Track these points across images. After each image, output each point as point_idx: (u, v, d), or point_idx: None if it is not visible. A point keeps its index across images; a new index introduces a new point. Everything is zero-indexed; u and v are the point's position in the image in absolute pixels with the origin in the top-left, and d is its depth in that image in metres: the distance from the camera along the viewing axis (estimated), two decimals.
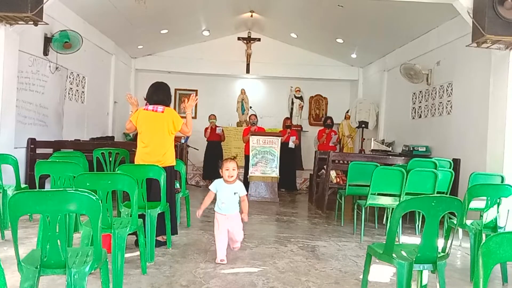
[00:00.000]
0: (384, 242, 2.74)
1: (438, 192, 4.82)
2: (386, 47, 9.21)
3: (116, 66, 9.82)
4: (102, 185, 3.01)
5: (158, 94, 4.27)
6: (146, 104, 4.37)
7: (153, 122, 4.12)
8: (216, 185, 3.78)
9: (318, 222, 5.95)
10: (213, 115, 9.58)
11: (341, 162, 6.98)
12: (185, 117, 4.26)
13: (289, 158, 9.04)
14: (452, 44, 6.79)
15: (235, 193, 3.73)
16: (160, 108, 4.15)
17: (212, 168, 9.36)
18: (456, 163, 6.13)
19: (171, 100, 4.35)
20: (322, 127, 9.51)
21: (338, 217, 5.87)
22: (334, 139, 9.17)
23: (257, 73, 11.46)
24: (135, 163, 4.17)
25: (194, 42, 11.13)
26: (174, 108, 9.90)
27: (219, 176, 3.84)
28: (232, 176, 3.69)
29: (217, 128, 9.42)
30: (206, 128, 9.49)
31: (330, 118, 9.50)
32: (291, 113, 11.57)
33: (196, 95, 11.91)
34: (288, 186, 9.10)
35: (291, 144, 9.02)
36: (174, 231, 4.34)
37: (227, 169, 3.69)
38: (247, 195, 3.83)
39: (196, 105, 11.66)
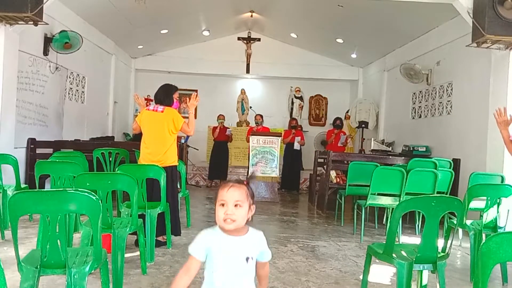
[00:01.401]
0: (384, 242, 2.74)
1: (438, 192, 4.82)
2: (386, 47, 9.20)
3: (116, 66, 9.81)
4: (102, 185, 3.01)
5: (157, 94, 4.32)
6: (146, 105, 4.41)
7: (154, 122, 4.14)
8: (205, 244, 1.65)
9: (318, 222, 5.96)
10: (222, 115, 9.58)
11: (341, 162, 6.99)
12: (187, 117, 4.27)
13: (294, 159, 9.04)
14: (452, 44, 6.79)
15: (248, 259, 1.67)
16: (160, 107, 4.17)
17: (217, 168, 9.36)
18: (456, 163, 6.13)
19: (172, 101, 4.31)
20: (331, 128, 9.53)
21: (338, 217, 5.87)
22: (343, 139, 9.16)
23: (257, 73, 11.45)
24: (139, 163, 4.19)
25: (194, 42, 11.13)
26: (176, 109, 9.89)
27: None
28: (233, 220, 1.65)
29: (227, 129, 9.43)
30: (215, 128, 9.49)
31: (340, 118, 9.48)
32: (291, 113, 11.56)
33: (197, 94, 11.90)
34: (291, 187, 9.11)
35: (297, 145, 9.02)
36: (177, 232, 4.34)
37: (223, 203, 1.66)
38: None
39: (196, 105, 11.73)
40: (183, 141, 8.33)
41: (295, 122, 9.92)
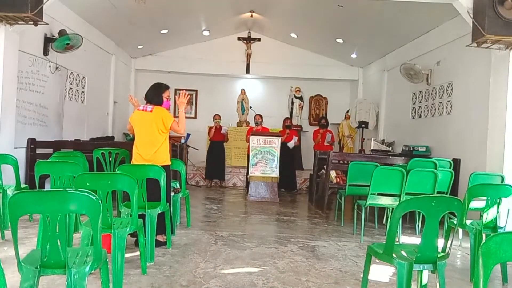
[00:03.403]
0: (384, 242, 2.74)
1: (438, 192, 4.82)
2: (386, 47, 9.21)
3: (116, 66, 9.82)
4: (102, 185, 3.01)
5: (147, 94, 4.28)
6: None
7: (143, 121, 4.12)
8: None
9: (318, 222, 5.95)
10: (218, 115, 9.57)
11: (341, 162, 6.99)
12: (178, 116, 4.25)
13: (288, 158, 9.04)
14: (452, 44, 6.79)
15: None
16: (149, 107, 4.15)
17: (214, 168, 9.38)
18: (456, 163, 6.13)
19: (162, 100, 4.24)
20: (317, 127, 9.56)
21: (338, 217, 5.87)
22: (329, 138, 9.18)
23: (257, 73, 11.46)
24: (131, 163, 4.18)
25: (194, 42, 11.13)
26: (174, 108, 9.91)
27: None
28: None
29: (222, 128, 9.43)
30: (211, 128, 9.49)
31: (325, 118, 9.59)
32: (291, 113, 11.57)
33: (189, 94, 11.91)
34: (288, 186, 9.11)
35: (291, 144, 9.02)
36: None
37: None
38: None
39: (196, 105, 11.74)
40: (183, 141, 8.32)
41: (290, 121, 9.90)
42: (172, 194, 4.61)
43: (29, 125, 6.34)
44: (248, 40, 11.15)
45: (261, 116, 8.95)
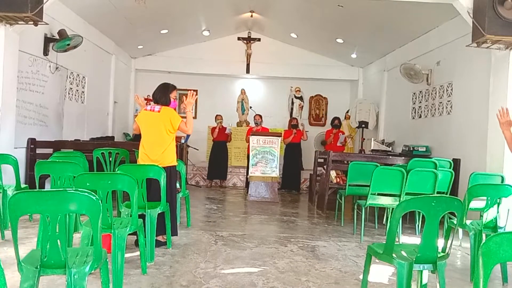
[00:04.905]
0: (384, 242, 2.74)
1: (438, 192, 4.82)
2: (386, 47, 9.21)
3: (116, 66, 9.82)
4: (102, 185, 3.01)
5: (154, 94, 4.29)
6: (146, 104, 4.42)
7: (151, 121, 4.12)
8: None
9: (318, 222, 5.95)
10: (220, 115, 9.57)
11: (341, 162, 6.99)
12: (185, 117, 4.25)
13: (295, 159, 9.05)
14: (452, 44, 6.79)
15: None
16: (157, 107, 4.15)
17: (217, 168, 9.38)
18: (456, 163, 6.13)
19: (169, 100, 4.24)
20: (330, 128, 9.52)
21: (338, 217, 5.87)
22: (342, 138, 9.17)
23: (257, 73, 11.46)
24: (138, 163, 4.18)
25: (194, 42, 11.13)
26: (175, 108, 9.90)
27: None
28: None
29: (226, 128, 9.43)
30: (214, 128, 9.48)
31: (338, 118, 9.47)
32: (291, 113, 11.57)
33: (197, 94, 11.91)
34: (292, 187, 9.11)
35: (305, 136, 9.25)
36: (174, 232, 4.33)
37: None
38: None
39: (196, 105, 11.73)
40: (183, 141, 8.32)
41: (296, 121, 9.89)
42: None
43: (29, 125, 6.34)
44: (248, 40, 11.15)
45: (261, 116, 8.96)
